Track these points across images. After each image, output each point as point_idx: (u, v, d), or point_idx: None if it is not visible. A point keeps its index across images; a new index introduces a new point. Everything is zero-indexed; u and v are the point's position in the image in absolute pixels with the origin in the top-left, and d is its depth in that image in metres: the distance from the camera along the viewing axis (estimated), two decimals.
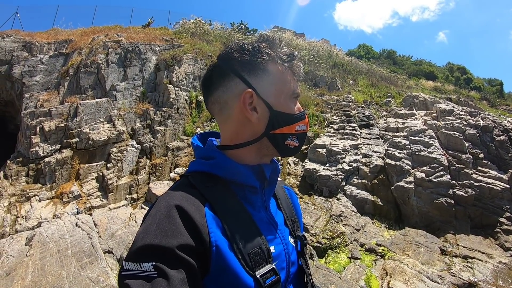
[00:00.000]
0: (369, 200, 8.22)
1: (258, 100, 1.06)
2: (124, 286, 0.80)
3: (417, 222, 7.82)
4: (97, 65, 11.76)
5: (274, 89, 1.08)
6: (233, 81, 1.08)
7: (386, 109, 12.89)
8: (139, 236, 0.86)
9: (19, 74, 11.97)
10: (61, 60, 12.88)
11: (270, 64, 1.08)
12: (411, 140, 9.45)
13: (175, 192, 0.98)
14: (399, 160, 8.79)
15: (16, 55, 12.48)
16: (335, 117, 11.56)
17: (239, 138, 1.09)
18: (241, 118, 1.07)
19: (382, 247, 6.54)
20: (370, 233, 7.17)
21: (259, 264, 0.95)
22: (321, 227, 6.99)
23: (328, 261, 6.18)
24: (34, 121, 10.03)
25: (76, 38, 14.05)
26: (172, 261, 0.81)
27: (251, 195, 1.07)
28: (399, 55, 38.81)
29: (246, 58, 1.07)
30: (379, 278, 5.49)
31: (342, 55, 20.06)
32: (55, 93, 11.48)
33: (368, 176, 8.73)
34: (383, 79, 17.36)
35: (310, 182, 8.79)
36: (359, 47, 38.21)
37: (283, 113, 1.08)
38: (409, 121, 10.74)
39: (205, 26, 18.16)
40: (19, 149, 10.16)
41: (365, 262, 6.08)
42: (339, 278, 5.19)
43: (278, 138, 1.08)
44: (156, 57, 12.82)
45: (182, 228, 0.87)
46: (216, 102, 1.13)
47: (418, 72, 29.45)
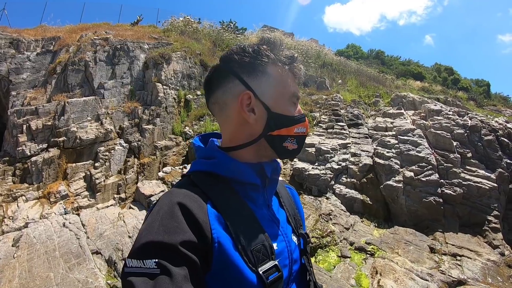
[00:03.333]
0: (358, 199, 8.24)
1: (257, 102, 1.07)
2: (127, 284, 0.80)
3: (406, 221, 7.87)
4: (85, 63, 11.60)
5: (273, 91, 1.09)
6: (233, 83, 1.09)
7: (375, 109, 12.97)
8: (142, 234, 0.87)
9: (6, 72, 11.76)
10: (48, 57, 12.70)
11: (270, 66, 1.09)
12: (400, 139, 9.51)
13: (177, 190, 0.99)
14: (388, 159, 8.83)
15: (3, 52, 12.24)
16: (324, 116, 11.58)
17: (237, 139, 1.10)
18: (239, 119, 1.08)
19: (371, 245, 6.57)
20: (359, 232, 7.19)
21: (262, 261, 0.95)
22: (310, 226, 6.99)
23: (318, 260, 6.18)
24: (21, 120, 9.86)
25: (64, 35, 13.89)
26: (175, 258, 0.82)
27: (253, 193, 1.08)
28: (388, 55, 39.09)
29: (246, 60, 1.09)
30: (369, 277, 5.50)
31: (331, 55, 20.12)
32: (42, 91, 11.31)
33: (357, 175, 8.75)
34: (372, 79, 17.47)
35: (299, 181, 8.80)
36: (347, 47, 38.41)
37: (281, 115, 1.08)
38: (397, 120, 10.81)
39: (194, 24, 18.10)
40: (5, 148, 10.00)
41: (355, 261, 6.09)
42: (329, 277, 5.18)
43: (276, 140, 1.09)
44: (145, 55, 12.71)
45: (185, 225, 0.87)
46: (216, 103, 1.14)
47: (406, 72, 29.65)
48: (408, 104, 12.93)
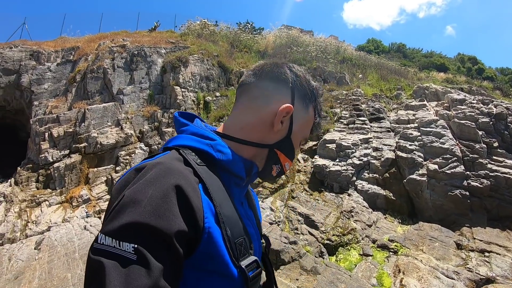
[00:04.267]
0: (381, 194, 8.03)
1: (288, 120, 1.12)
2: (95, 263, 0.72)
3: (431, 216, 7.60)
4: (104, 70, 11.84)
5: (301, 124, 1.16)
6: (286, 89, 1.14)
7: (397, 102, 12.65)
8: (126, 210, 0.77)
9: (28, 83, 12.14)
10: (68, 67, 13.03)
11: (311, 107, 1.18)
12: (423, 131, 9.18)
13: (171, 165, 0.89)
14: (411, 152, 8.55)
15: (24, 64, 12.66)
16: (344, 111, 11.37)
17: (250, 132, 1.11)
18: (268, 118, 1.10)
19: (395, 243, 6.36)
20: (382, 228, 7.00)
21: (243, 255, 0.93)
22: (331, 224, 6.86)
23: (338, 258, 6.05)
24: (43, 128, 10.15)
25: (82, 45, 14.20)
26: (158, 248, 0.74)
27: (234, 187, 1.06)
28: (409, 48, 38.12)
29: (305, 85, 1.17)
30: (392, 276, 5.33)
31: (350, 50, 19.77)
32: (63, 99, 11.61)
33: (379, 170, 8.53)
34: (393, 72, 17.05)
35: (320, 179, 8.64)
36: (368, 42, 37.59)
37: (291, 144, 1.15)
38: (420, 112, 10.48)
39: (211, 27, 18.18)
40: (29, 156, 10.32)
41: (377, 259, 5.92)
42: (349, 276, 5.04)
43: (274, 158, 1.14)
44: (162, 59, 12.83)
45: (177, 211, 0.79)
46: (260, 88, 1.15)
47: (429, 65, 28.87)
48: (431, 95, 12.56)
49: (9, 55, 12.88)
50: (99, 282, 0.69)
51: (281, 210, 7.24)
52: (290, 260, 5.49)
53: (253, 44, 17.75)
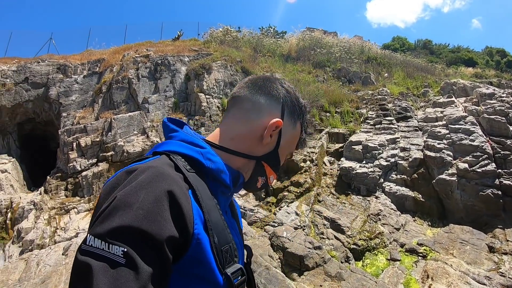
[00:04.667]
0: (410, 196, 7.81)
1: (277, 134, 1.15)
2: (82, 264, 0.71)
3: (462, 218, 7.31)
4: (128, 80, 12.09)
5: (288, 139, 1.20)
6: (276, 105, 1.17)
7: (424, 100, 12.34)
8: (117, 212, 0.76)
9: (56, 95, 12.58)
10: (95, 78, 13.41)
11: (298, 123, 1.23)
12: (451, 128, 8.87)
13: (163, 170, 0.88)
14: (439, 151, 8.27)
15: (52, 77, 13.14)
16: (371, 112, 11.17)
17: (240, 143, 1.13)
18: (258, 131, 1.13)
19: (424, 246, 6.15)
20: (411, 232, 6.79)
21: (229, 262, 0.93)
22: (358, 228, 6.72)
23: (365, 264, 5.90)
24: (71, 138, 10.44)
25: (108, 57, 14.58)
26: (148, 252, 0.74)
27: (220, 196, 1.05)
28: (436, 44, 37.21)
29: (295, 102, 1.21)
30: (420, 282, 5.14)
31: (375, 49, 19.46)
32: (90, 110, 11.93)
33: (408, 171, 8.30)
34: (420, 69, 16.70)
35: (346, 181, 8.48)
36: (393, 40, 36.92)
37: (278, 158, 1.19)
38: (448, 109, 10.15)
39: (233, 33, 18.28)
40: (58, 165, 10.64)
41: (405, 264, 5.73)
42: (374, 282, 4.89)
43: (260, 170, 1.17)
44: (186, 67, 12.99)
45: (169, 217, 0.79)
46: (252, 102, 1.17)
47: (457, 60, 28.13)
48: (459, 91, 12.18)
49: (37, 69, 13.38)
50: (86, 283, 0.68)
51: (307, 215, 7.14)
52: (314, 265, 5.39)
53: (276, 48, 17.77)
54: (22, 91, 13.04)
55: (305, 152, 8.83)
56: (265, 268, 5.00)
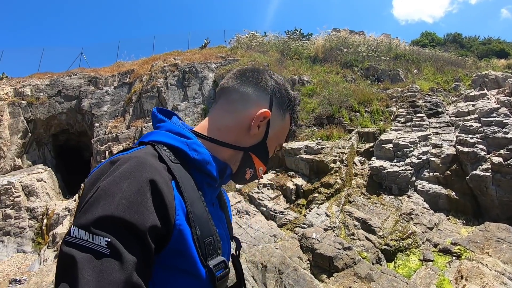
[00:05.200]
0: (443, 194, 7.58)
1: (265, 125, 1.14)
2: (66, 256, 0.71)
3: (498, 215, 7.01)
4: (158, 89, 12.43)
5: (277, 130, 1.20)
6: (264, 95, 1.17)
7: (455, 94, 12.01)
8: (100, 202, 0.76)
9: (88, 106, 13.09)
10: (125, 89, 13.85)
11: (288, 114, 1.23)
12: (483, 121, 8.54)
13: (146, 160, 0.88)
14: (472, 146, 7.97)
15: (83, 89, 13.71)
16: (401, 109, 10.95)
17: (227, 134, 1.12)
18: (245, 122, 1.12)
19: (458, 246, 5.95)
20: (445, 231, 6.60)
21: (212, 254, 0.93)
22: (389, 228, 6.59)
23: (397, 265, 5.78)
24: (103, 147, 10.81)
25: (137, 68, 15.02)
26: (131, 242, 0.74)
27: (206, 188, 1.05)
28: (465, 37, 36.23)
29: (284, 93, 1.21)
30: (453, 282, 4.98)
31: (403, 46, 19.09)
32: (122, 119, 12.33)
33: (440, 168, 8.07)
34: (449, 63, 16.25)
35: (378, 181, 8.33)
36: (422, 35, 36.21)
37: (266, 149, 1.18)
38: (479, 102, 9.81)
39: (259, 38, 18.40)
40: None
41: (438, 265, 5.57)
42: (406, 283, 4.78)
43: (248, 161, 1.16)
44: (213, 74, 13.20)
45: (151, 207, 0.80)
46: (240, 93, 1.17)
47: (488, 52, 27.36)
48: (491, 83, 11.81)
49: (69, 83, 13.97)
50: (71, 275, 0.69)
51: (337, 216, 7.07)
52: (343, 266, 5.32)
53: (303, 51, 17.75)
54: (55, 104, 13.65)
55: (334, 153, 8.76)
56: (293, 269, 4.99)
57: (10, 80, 15.59)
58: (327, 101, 11.65)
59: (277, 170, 9.17)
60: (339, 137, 9.80)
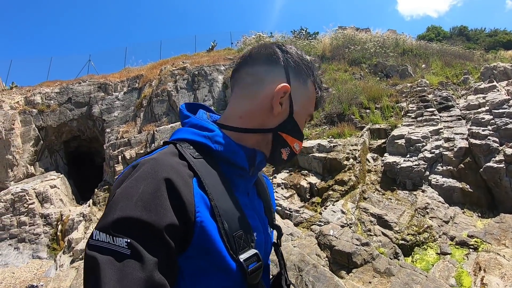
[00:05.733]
0: (457, 187, 7.61)
1: (287, 100, 1.09)
2: (90, 259, 0.75)
3: None
4: (168, 93, 12.55)
5: (303, 101, 1.13)
6: (278, 70, 1.11)
7: (465, 87, 11.98)
8: (118, 205, 0.79)
9: (99, 113, 13.26)
10: (135, 94, 14.00)
11: (309, 81, 1.15)
12: (495, 113, 8.56)
13: (163, 159, 0.91)
14: (485, 138, 7.98)
15: (93, 96, 13.90)
16: (411, 105, 10.97)
17: (251, 120, 1.09)
18: (266, 102, 1.08)
19: (474, 238, 6.00)
20: (460, 224, 6.64)
21: (243, 248, 0.92)
22: (405, 223, 6.64)
23: (415, 259, 5.83)
24: (116, 152, 10.96)
25: (145, 73, 15.16)
26: (150, 241, 0.77)
27: (237, 178, 1.05)
28: (471, 29, 35.88)
29: (298, 61, 1.13)
30: (472, 274, 5.04)
31: (410, 41, 19.02)
32: (133, 124, 12.48)
33: (453, 162, 8.10)
34: (457, 56, 16.20)
35: (391, 177, 8.37)
36: (428, 30, 35.87)
37: (296, 125, 1.12)
38: (490, 94, 9.81)
39: (266, 39, 18.48)
40: (105, 178, 11.20)
41: (455, 257, 5.63)
42: (425, 277, 4.84)
43: (280, 141, 1.11)
44: (222, 76, 13.29)
45: (168, 205, 0.81)
46: (253, 75, 1.12)
47: (495, 44, 27.12)
48: (500, 74, 11.78)
49: (79, 90, 14.18)
50: (95, 277, 0.72)
51: (353, 212, 7.13)
52: (362, 262, 5.39)
53: (310, 49, 17.73)
54: (66, 111, 13.86)
55: (347, 150, 8.81)
56: (312, 267, 5.07)
57: (20, 89, 15.84)
58: (336, 99, 11.70)
59: (290, 169, 9.23)
60: (351, 135, 9.84)
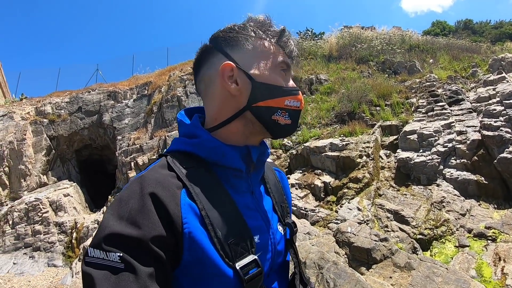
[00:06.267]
0: (472, 180, 7.61)
1: (239, 73, 1.02)
2: (86, 275, 0.76)
3: None
4: (177, 98, 12.64)
5: (257, 61, 1.04)
6: (216, 57, 1.07)
7: (474, 80, 11.94)
8: (108, 222, 0.82)
9: (109, 120, 13.41)
10: (144, 101, 14.11)
11: (255, 40, 1.06)
12: (506, 104, 8.54)
13: (150, 175, 0.92)
14: (497, 129, 7.98)
15: (103, 104, 14.06)
16: (421, 100, 10.98)
17: (223, 114, 1.05)
18: (224, 92, 1.04)
19: (492, 230, 6.02)
20: (477, 216, 6.66)
21: (240, 255, 0.90)
22: (422, 218, 6.67)
23: (433, 253, 5.86)
24: (128, 158, 11.09)
25: (154, 79, 15.25)
26: (141, 254, 0.78)
27: (235, 179, 1.03)
28: (477, 22, 35.54)
29: (231, 35, 1.06)
30: (492, 265, 5.07)
31: (416, 37, 18.96)
32: (144, 130, 12.60)
33: (467, 154, 8.10)
34: (464, 50, 16.15)
35: (405, 172, 8.39)
36: (433, 25, 35.52)
37: (267, 85, 1.03)
38: (499, 85, 9.79)
39: None
40: (118, 185, 11.32)
41: (474, 249, 5.65)
42: (446, 269, 4.88)
43: (263, 111, 1.02)
44: None
45: (155, 218, 0.82)
46: (202, 80, 1.11)
47: (501, 36, 26.81)
48: (509, 65, 11.77)
49: (89, 98, 14.36)
50: None
51: (369, 209, 7.17)
52: (382, 258, 5.42)
53: (317, 50, 17.77)
54: (77, 120, 14.05)
55: (360, 148, 8.84)
56: (333, 264, 5.11)
57: (30, 100, 16.06)
58: (346, 97, 11.74)
59: (303, 169, 9.28)
60: (362, 132, 9.87)
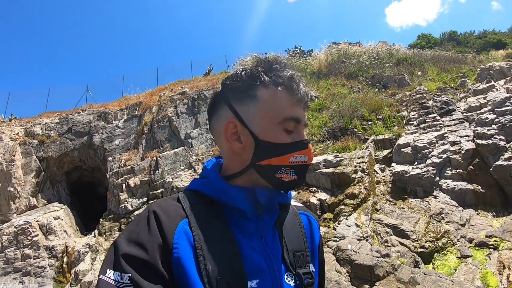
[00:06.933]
0: (469, 189, 7.54)
1: (243, 130, 1.01)
2: None
3: None
4: (168, 118, 12.59)
5: (261, 116, 1.00)
6: (223, 110, 1.06)
7: (463, 90, 12.07)
8: (120, 245, 0.88)
9: (100, 141, 13.30)
10: (135, 121, 14.02)
11: (260, 89, 1.01)
12: (498, 112, 8.56)
13: (159, 202, 0.99)
14: (491, 137, 7.96)
15: (94, 125, 13.95)
16: (412, 112, 11.01)
17: (230, 168, 1.07)
18: (229, 149, 1.05)
19: (493, 238, 5.94)
20: (477, 225, 6.57)
21: None
22: (422, 230, 6.56)
23: (436, 265, 5.74)
24: (119, 180, 10.94)
25: (144, 100, 15.23)
26: (149, 274, 0.83)
27: (241, 221, 1.00)
28: (461, 33, 36.42)
29: (237, 85, 1.03)
30: (497, 273, 4.97)
31: (403, 50, 19.24)
32: (135, 151, 12.50)
33: (462, 164, 8.05)
34: (451, 61, 16.39)
35: (401, 186, 8.30)
36: (418, 38, 36.31)
37: (270, 143, 0.99)
38: (490, 94, 9.88)
39: None
40: (109, 207, 11.17)
41: (477, 259, 5.55)
42: (451, 281, 4.76)
43: (266, 170, 1.00)
44: None
45: (157, 233, 0.89)
46: (213, 131, 1.13)
47: (486, 45, 27.45)
48: (497, 74, 11.96)
49: (79, 119, 14.23)
50: None
51: (367, 225, 7.05)
52: (385, 274, 5.29)
53: (306, 67, 17.90)
54: (66, 141, 13.88)
55: (354, 163, 8.76)
56: (335, 283, 4.98)
57: (20, 121, 15.81)
58: (337, 113, 11.73)
59: None
60: (356, 148, 9.81)
